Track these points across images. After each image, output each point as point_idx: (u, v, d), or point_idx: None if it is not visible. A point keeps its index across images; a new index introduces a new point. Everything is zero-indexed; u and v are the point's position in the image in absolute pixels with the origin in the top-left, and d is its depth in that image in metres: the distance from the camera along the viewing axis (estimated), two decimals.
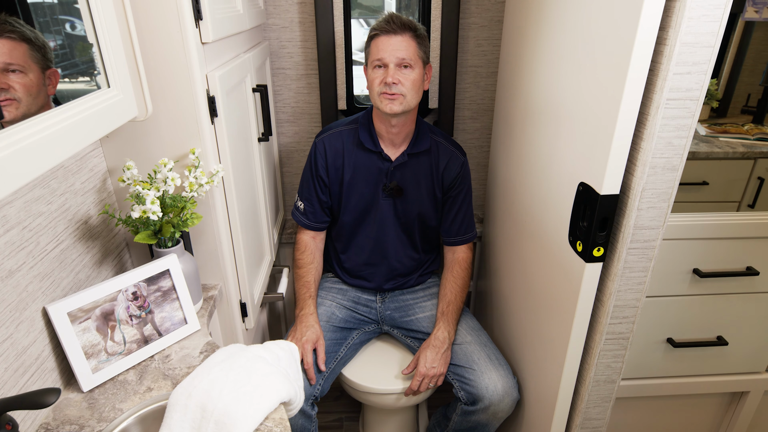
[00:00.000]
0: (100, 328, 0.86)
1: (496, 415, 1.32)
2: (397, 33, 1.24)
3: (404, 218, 1.46)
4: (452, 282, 1.48)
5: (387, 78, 1.24)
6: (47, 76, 0.68)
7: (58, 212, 0.86)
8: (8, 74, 0.62)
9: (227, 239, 1.12)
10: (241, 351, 0.88)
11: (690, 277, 1.23)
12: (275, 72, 1.67)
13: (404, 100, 1.27)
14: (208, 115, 0.98)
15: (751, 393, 1.41)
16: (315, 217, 1.46)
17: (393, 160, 1.39)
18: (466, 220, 1.50)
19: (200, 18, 0.92)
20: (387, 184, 1.41)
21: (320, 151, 1.41)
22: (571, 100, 1.03)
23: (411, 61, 1.25)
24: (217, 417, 0.75)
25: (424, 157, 1.42)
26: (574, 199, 1.01)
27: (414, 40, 1.26)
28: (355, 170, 1.41)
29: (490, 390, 1.28)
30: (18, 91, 0.62)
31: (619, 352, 1.09)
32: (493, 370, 1.31)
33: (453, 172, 1.44)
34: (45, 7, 0.66)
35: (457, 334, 1.42)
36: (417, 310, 1.50)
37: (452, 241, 1.51)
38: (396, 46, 1.24)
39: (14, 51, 0.63)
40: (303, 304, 1.41)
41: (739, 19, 1.78)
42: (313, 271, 1.47)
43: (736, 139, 1.73)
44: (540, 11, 1.18)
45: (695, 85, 0.83)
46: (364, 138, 1.38)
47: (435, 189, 1.45)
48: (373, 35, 1.28)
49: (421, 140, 1.40)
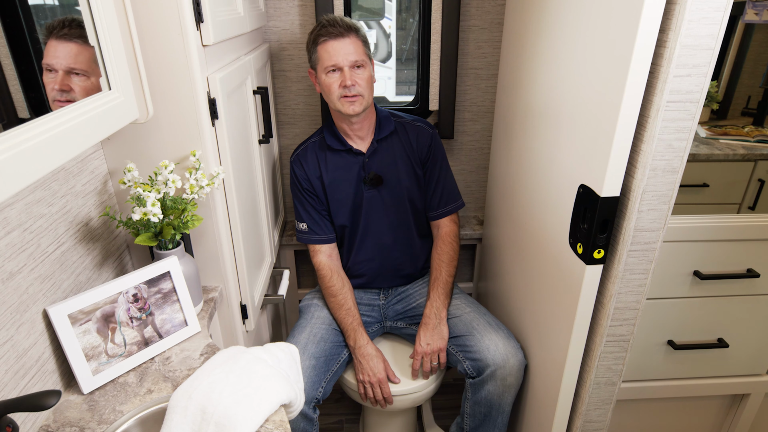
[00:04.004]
0: (100, 330, 0.86)
1: (505, 381, 1.29)
2: (344, 36, 1.27)
3: (393, 206, 1.46)
4: (437, 259, 1.48)
5: (346, 81, 1.27)
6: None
7: (59, 214, 0.86)
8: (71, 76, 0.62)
9: (228, 241, 1.12)
10: (242, 353, 0.88)
11: (690, 279, 1.23)
12: (276, 74, 1.67)
13: (363, 100, 1.31)
14: (209, 118, 0.98)
15: (752, 395, 1.41)
16: (321, 228, 1.46)
17: (365, 152, 1.42)
18: (446, 191, 1.49)
19: (201, 20, 0.92)
20: (366, 177, 1.42)
21: (298, 167, 1.44)
22: (571, 102, 1.03)
23: (362, 60, 1.29)
24: (218, 419, 0.75)
25: (394, 138, 1.44)
26: (575, 201, 1.01)
27: (359, 40, 1.30)
28: (333, 173, 1.43)
29: (492, 350, 1.28)
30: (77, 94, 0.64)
31: (619, 354, 1.09)
32: (493, 333, 1.32)
33: (424, 145, 1.45)
34: (46, 9, 0.66)
35: (456, 308, 1.43)
36: (417, 297, 1.52)
37: (435, 215, 1.50)
38: (347, 49, 1.27)
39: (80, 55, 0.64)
40: (355, 336, 1.39)
41: (739, 22, 1.79)
42: (349, 296, 1.45)
43: (736, 141, 1.73)
44: (540, 13, 1.18)
45: (695, 87, 0.83)
46: (330, 141, 1.41)
47: (414, 167, 1.45)
48: (320, 41, 1.28)
49: (384, 125, 1.43)
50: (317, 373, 1.31)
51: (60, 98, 0.61)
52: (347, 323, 1.41)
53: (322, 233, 1.46)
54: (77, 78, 0.63)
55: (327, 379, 1.34)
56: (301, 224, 1.47)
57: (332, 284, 1.45)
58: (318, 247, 1.47)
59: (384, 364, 1.38)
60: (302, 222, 1.46)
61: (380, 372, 1.36)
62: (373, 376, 1.36)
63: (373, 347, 1.40)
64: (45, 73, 0.59)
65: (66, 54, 0.62)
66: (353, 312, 1.43)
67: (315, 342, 1.36)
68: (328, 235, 1.47)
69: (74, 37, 0.63)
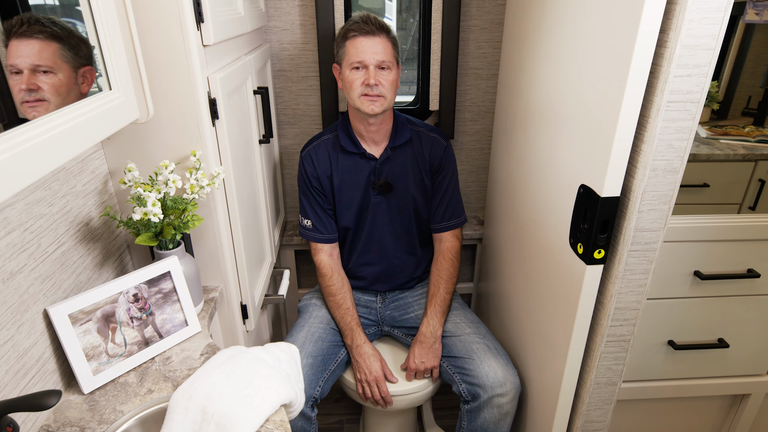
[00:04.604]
0: (101, 330, 0.86)
1: (502, 408, 1.29)
2: (375, 34, 1.26)
3: (399, 214, 1.46)
4: (436, 275, 1.47)
5: (369, 80, 1.26)
6: (81, 74, 0.68)
7: (59, 214, 0.86)
8: (38, 74, 0.61)
9: (228, 241, 1.12)
10: (242, 353, 0.88)
11: (691, 280, 1.23)
12: (276, 74, 1.67)
13: (384, 101, 1.29)
14: (209, 118, 0.98)
15: (753, 396, 1.41)
16: (325, 227, 1.46)
17: (378, 158, 1.40)
18: (451, 205, 1.48)
19: (201, 20, 0.92)
20: (376, 182, 1.41)
21: (308, 162, 1.42)
22: (571, 102, 1.03)
23: (389, 62, 1.27)
24: (218, 419, 0.75)
25: (408, 147, 1.43)
26: (575, 201, 1.01)
27: (389, 41, 1.28)
28: (343, 175, 1.42)
29: (491, 377, 1.27)
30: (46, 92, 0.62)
31: (620, 354, 1.09)
32: (492, 358, 1.31)
33: (437, 157, 1.44)
34: (46, 8, 0.66)
35: (456, 327, 1.42)
36: (415, 307, 1.51)
37: (438, 227, 1.49)
38: (375, 48, 1.25)
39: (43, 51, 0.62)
40: (353, 335, 1.40)
41: (740, 22, 1.79)
42: (348, 295, 1.45)
43: (736, 141, 1.73)
44: (540, 13, 1.18)
45: (696, 87, 0.83)
46: (344, 142, 1.40)
47: (423, 178, 1.45)
48: (350, 36, 1.27)
49: (400, 132, 1.41)
50: (315, 372, 1.31)
51: (29, 98, 0.59)
52: (345, 322, 1.41)
53: (325, 232, 1.46)
54: (44, 76, 0.62)
55: (325, 378, 1.34)
56: (306, 221, 1.46)
57: (332, 283, 1.45)
58: (320, 246, 1.47)
59: (381, 363, 1.38)
60: (307, 219, 1.46)
61: (377, 370, 1.36)
62: (369, 375, 1.36)
63: (370, 346, 1.40)
64: (10, 76, 0.57)
65: (29, 52, 0.60)
66: (351, 311, 1.43)
67: (313, 341, 1.36)
68: (331, 235, 1.47)
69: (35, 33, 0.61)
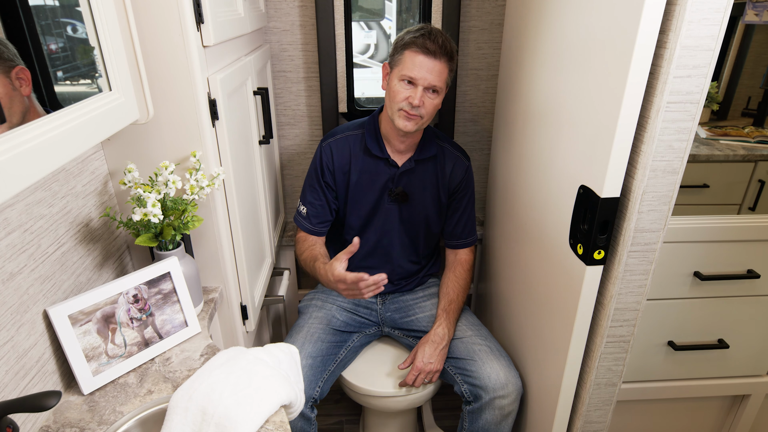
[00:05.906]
0: (100, 331, 0.86)
1: (503, 409, 1.29)
2: (436, 57, 1.22)
3: (409, 223, 1.46)
4: (454, 281, 1.49)
5: (414, 99, 1.23)
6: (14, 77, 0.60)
7: (59, 215, 0.86)
8: None
9: (228, 242, 1.12)
10: (242, 354, 0.88)
11: (691, 280, 1.23)
12: (276, 75, 1.67)
13: (420, 122, 1.28)
14: (209, 118, 0.98)
15: (753, 396, 1.41)
16: (318, 219, 1.45)
17: (400, 166, 1.40)
18: (468, 224, 1.51)
19: (201, 21, 0.92)
20: (393, 190, 1.41)
21: (327, 155, 1.41)
22: (571, 103, 1.03)
23: (440, 88, 1.26)
24: (218, 420, 0.75)
25: (431, 163, 1.43)
26: (575, 202, 1.01)
27: (447, 66, 1.25)
28: (361, 175, 1.41)
29: (492, 379, 1.28)
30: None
31: (620, 355, 1.09)
32: (494, 360, 1.31)
33: (458, 177, 1.45)
34: (47, 9, 0.67)
35: (458, 329, 1.43)
36: (417, 310, 1.50)
37: (454, 244, 1.53)
38: (431, 70, 1.22)
39: None
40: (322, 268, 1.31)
41: (739, 23, 1.79)
42: (318, 245, 1.42)
43: (736, 142, 1.73)
44: (540, 14, 1.18)
45: (695, 88, 0.83)
46: (371, 145, 1.38)
47: (440, 194, 1.46)
48: (411, 48, 1.23)
49: (427, 147, 1.41)
50: (314, 373, 1.31)
51: None
52: (318, 265, 1.34)
53: (316, 224, 1.45)
54: None
55: (324, 378, 1.34)
56: (302, 207, 1.46)
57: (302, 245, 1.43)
58: (305, 236, 1.46)
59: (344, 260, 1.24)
60: (305, 205, 1.45)
61: (335, 270, 1.22)
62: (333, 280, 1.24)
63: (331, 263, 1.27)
64: None
65: None
66: (324, 254, 1.40)
67: (312, 342, 1.36)
68: (321, 228, 1.46)
69: None
